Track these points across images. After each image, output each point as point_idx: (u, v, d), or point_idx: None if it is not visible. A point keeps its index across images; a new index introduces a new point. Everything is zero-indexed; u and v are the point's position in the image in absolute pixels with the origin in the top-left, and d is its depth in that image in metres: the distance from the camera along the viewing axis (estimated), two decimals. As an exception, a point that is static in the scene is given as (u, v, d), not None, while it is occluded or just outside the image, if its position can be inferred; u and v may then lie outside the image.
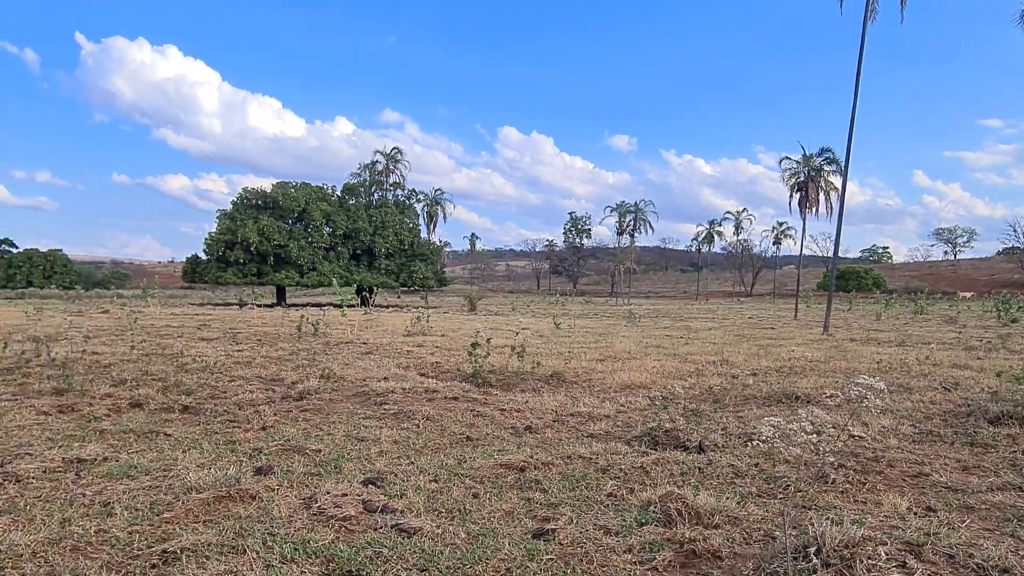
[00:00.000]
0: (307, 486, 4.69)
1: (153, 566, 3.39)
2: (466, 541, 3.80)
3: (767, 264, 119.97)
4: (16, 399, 7.64)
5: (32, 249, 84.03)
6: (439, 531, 3.92)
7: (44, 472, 4.89)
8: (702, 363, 11.92)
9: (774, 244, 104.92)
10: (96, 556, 3.50)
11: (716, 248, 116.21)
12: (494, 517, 4.19)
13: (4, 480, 4.69)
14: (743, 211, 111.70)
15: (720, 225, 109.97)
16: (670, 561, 3.58)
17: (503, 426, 6.81)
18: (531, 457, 5.50)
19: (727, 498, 4.52)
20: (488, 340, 10.29)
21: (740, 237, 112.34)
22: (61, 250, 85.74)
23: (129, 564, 3.40)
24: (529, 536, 3.88)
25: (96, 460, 5.22)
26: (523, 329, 11.36)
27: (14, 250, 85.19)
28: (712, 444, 5.99)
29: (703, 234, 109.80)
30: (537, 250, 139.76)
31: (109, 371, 9.76)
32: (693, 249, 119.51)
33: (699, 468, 5.30)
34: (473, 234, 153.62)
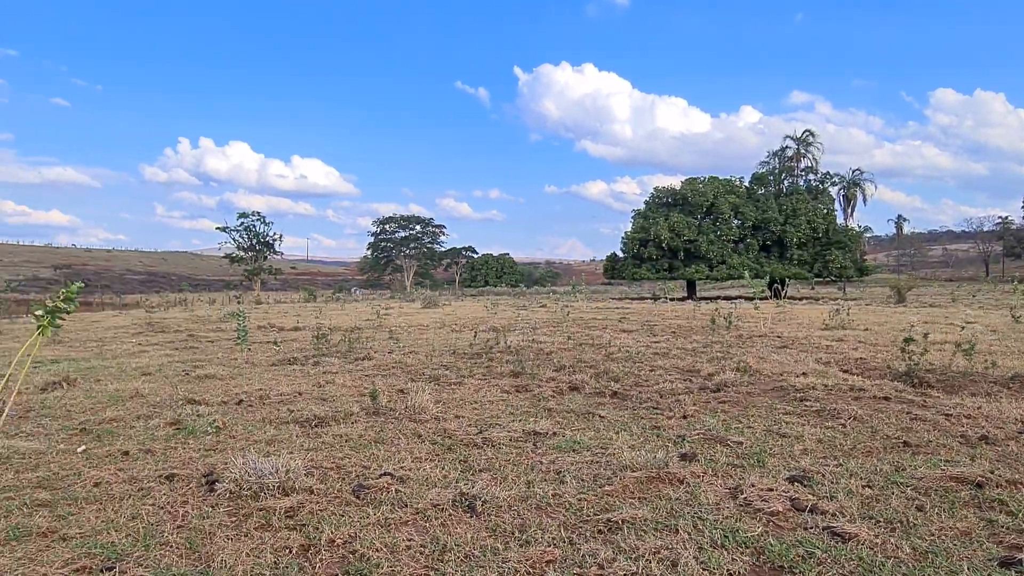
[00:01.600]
0: (731, 476, 4.79)
1: (600, 532, 3.86)
2: (912, 557, 3.47)
3: None
4: (485, 379, 9.32)
5: (487, 254, 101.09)
6: (878, 541, 3.65)
7: (510, 440, 5.91)
8: None
9: None
10: (554, 516, 4.12)
11: None
12: (946, 536, 3.73)
13: (484, 444, 5.81)
14: None
15: None
16: None
17: (950, 433, 5.96)
18: (990, 472, 4.72)
19: None
20: (925, 335, 9.08)
21: None
22: (508, 254, 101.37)
23: (581, 527, 3.93)
24: (995, 564, 3.36)
25: (547, 434, 6.11)
26: (969, 323, 9.74)
27: (475, 255, 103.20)
28: None
29: None
30: (984, 229, 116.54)
31: (551, 358, 11.24)
32: None
33: None
34: (900, 216, 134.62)
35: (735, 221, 53.42)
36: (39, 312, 6.05)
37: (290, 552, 3.62)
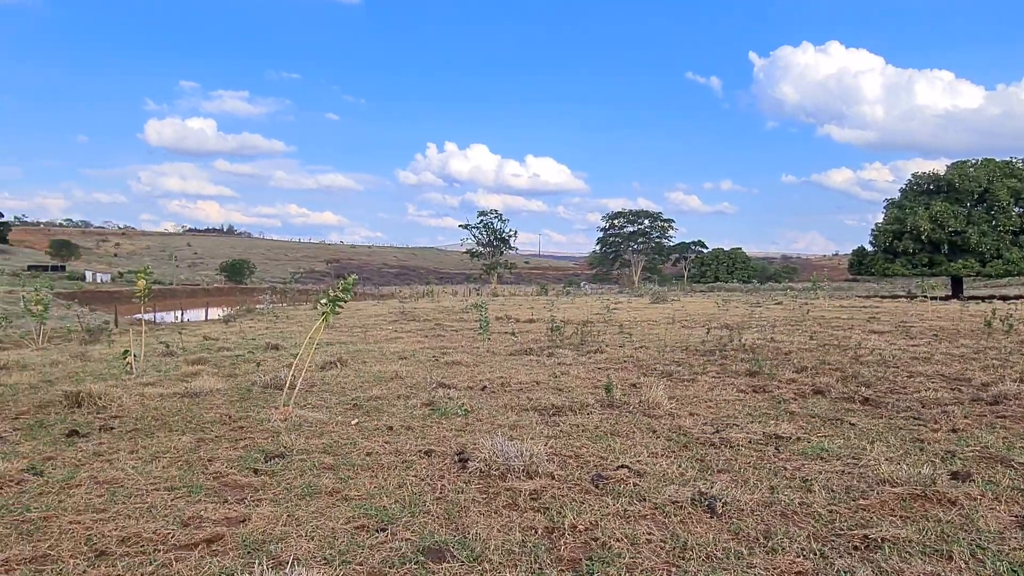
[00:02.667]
0: (1017, 503, 4.18)
1: (855, 548, 3.59)
2: None
3: None
4: (719, 377, 9.05)
5: (718, 248, 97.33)
6: None
7: (749, 442, 5.69)
8: None
9: None
10: (802, 525, 3.91)
11: None
12: None
13: (721, 444, 5.66)
14: None
15: None
16: None
17: None
18: None
19: None
20: None
21: None
22: (740, 248, 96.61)
23: (833, 540, 3.69)
24: None
25: (790, 438, 5.79)
26: None
27: (704, 250, 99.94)
28: None
29: None
30: None
31: (789, 358, 10.59)
32: None
33: None
34: None
35: (1016, 209, 45.85)
36: (323, 301, 7.01)
37: (536, 532, 3.84)
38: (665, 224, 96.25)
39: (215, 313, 30.88)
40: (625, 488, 4.55)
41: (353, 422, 6.62)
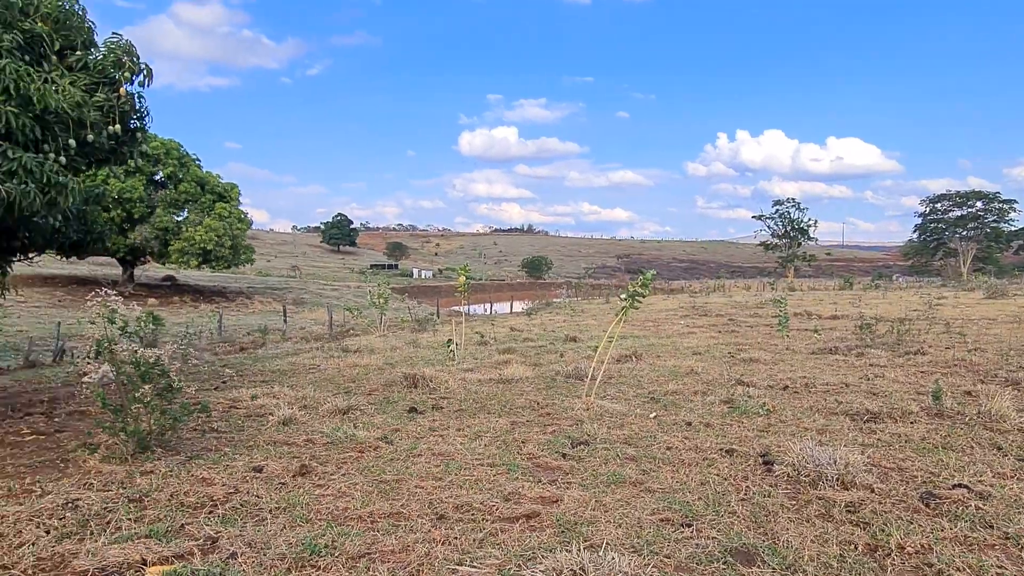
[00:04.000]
0: None
1: None
2: None
3: None
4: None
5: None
6: None
7: None
8: None
9: None
10: None
11: None
12: None
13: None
14: None
15: None
16: None
17: None
18: None
19: None
20: None
21: None
22: None
23: None
24: None
25: None
26: None
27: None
28: None
29: None
30: None
31: None
32: None
33: None
34: None
35: None
36: (622, 296, 7.23)
37: (855, 548, 3.56)
38: (1004, 206, 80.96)
39: (518, 306, 33.43)
40: (964, 511, 4.00)
41: (651, 415, 6.73)
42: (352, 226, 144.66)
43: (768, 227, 76.28)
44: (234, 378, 9.32)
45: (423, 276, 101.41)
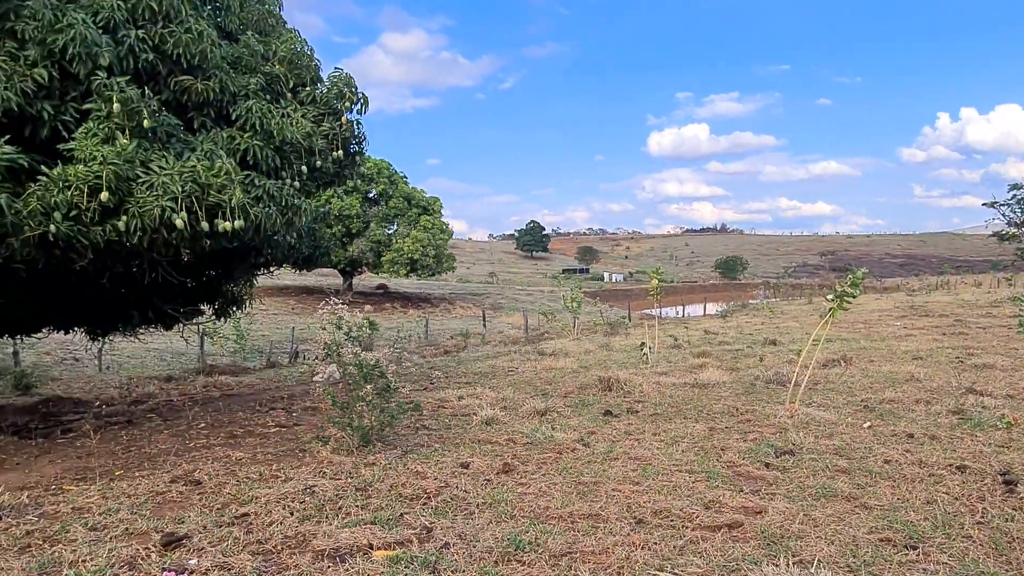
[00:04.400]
0: None
1: None
2: None
3: None
4: None
5: None
6: None
7: None
8: None
9: None
10: None
11: None
12: None
13: None
14: None
15: None
16: None
17: None
18: None
19: None
20: None
21: None
22: None
23: None
24: None
25: None
26: None
27: None
28: None
29: None
30: None
31: None
32: None
33: None
34: None
35: None
36: (829, 296, 6.80)
37: None
38: None
39: (712, 308, 32.31)
40: None
41: (865, 425, 6.24)
42: (544, 232, 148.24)
43: (1003, 215, 66.73)
44: (441, 379, 9.99)
45: (614, 280, 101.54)
